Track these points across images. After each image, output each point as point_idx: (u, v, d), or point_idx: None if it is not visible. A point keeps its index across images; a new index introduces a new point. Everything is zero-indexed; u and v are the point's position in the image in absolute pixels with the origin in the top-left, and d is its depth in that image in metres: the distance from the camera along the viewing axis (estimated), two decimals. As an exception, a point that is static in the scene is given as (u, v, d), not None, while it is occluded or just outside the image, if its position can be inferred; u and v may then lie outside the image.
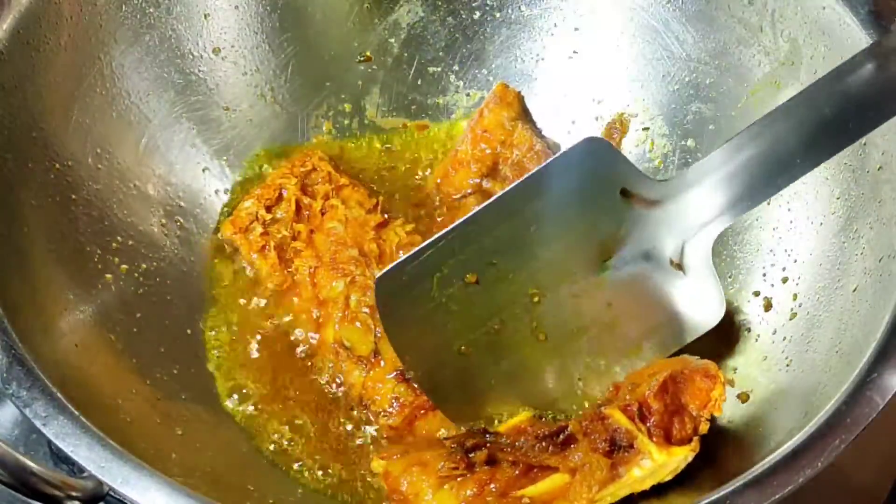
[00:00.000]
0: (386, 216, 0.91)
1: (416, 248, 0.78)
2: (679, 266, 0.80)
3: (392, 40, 1.00)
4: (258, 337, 0.87)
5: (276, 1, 0.95)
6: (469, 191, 0.94)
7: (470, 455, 0.72)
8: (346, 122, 1.00)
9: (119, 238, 0.85)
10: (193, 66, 0.93)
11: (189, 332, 0.86)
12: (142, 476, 0.62)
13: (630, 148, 0.97)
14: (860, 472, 0.85)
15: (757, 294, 0.86)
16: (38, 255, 0.77)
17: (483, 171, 0.94)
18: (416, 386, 0.80)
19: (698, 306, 0.81)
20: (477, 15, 0.99)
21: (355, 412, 0.82)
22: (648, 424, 0.69)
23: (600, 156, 0.78)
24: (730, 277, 0.88)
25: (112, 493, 0.62)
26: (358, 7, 0.98)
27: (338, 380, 0.83)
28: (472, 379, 0.80)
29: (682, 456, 0.68)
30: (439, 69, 1.01)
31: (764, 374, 0.80)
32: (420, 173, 0.98)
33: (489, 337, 0.80)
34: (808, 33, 0.84)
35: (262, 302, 0.88)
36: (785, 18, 0.85)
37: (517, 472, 0.71)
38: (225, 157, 0.95)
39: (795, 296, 0.82)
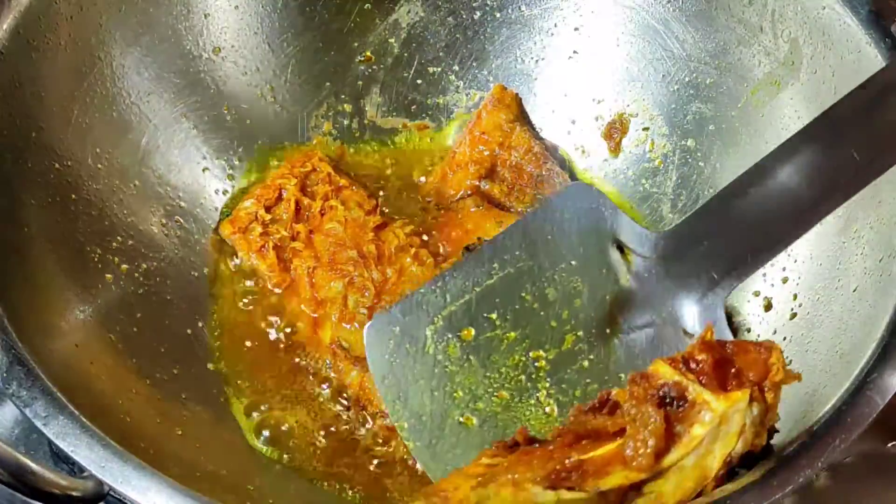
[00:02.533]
0: (384, 218, 0.91)
1: (406, 295, 0.75)
2: (690, 335, 0.73)
3: (392, 40, 1.00)
4: (257, 337, 0.87)
5: (276, 1, 0.95)
6: (468, 192, 0.94)
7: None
8: (346, 122, 1.00)
9: (119, 238, 0.85)
10: (193, 66, 0.93)
11: (189, 332, 0.86)
12: (142, 476, 0.62)
13: (630, 148, 0.97)
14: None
15: (757, 294, 0.86)
16: (38, 255, 0.77)
17: (481, 173, 0.94)
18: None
19: None
20: (477, 15, 1.00)
21: (352, 412, 0.83)
22: (700, 377, 0.60)
23: (584, 202, 0.74)
24: (730, 277, 0.88)
25: (112, 493, 0.62)
26: (358, 7, 0.98)
27: (334, 380, 0.83)
28: (471, 452, 0.71)
29: (743, 401, 0.59)
30: (439, 69, 1.01)
31: (764, 374, 0.80)
32: (421, 174, 0.98)
33: (495, 406, 0.74)
34: (808, 33, 0.84)
35: (261, 301, 0.88)
36: (785, 18, 0.85)
37: (564, 444, 0.60)
38: (225, 157, 0.95)
39: (795, 296, 0.82)
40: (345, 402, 0.83)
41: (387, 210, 0.93)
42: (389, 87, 1.01)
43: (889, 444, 0.79)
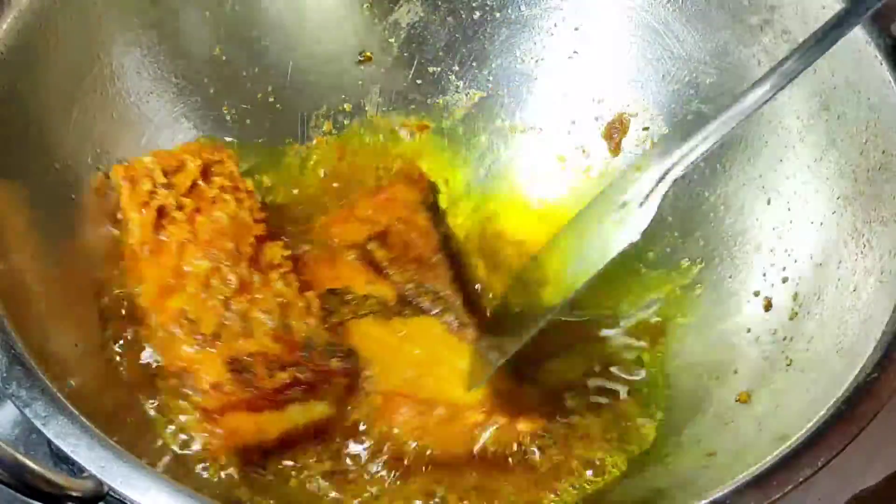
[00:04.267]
0: (269, 232, 0.88)
1: None
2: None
3: (392, 40, 1.00)
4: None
5: (276, 1, 0.95)
6: (353, 244, 0.94)
7: None
8: (346, 122, 1.00)
9: (119, 238, 0.85)
10: (193, 66, 0.93)
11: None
12: (142, 476, 0.62)
13: (630, 148, 0.98)
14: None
15: (757, 294, 0.86)
16: (38, 255, 0.77)
17: (373, 233, 0.94)
18: (243, 380, 0.78)
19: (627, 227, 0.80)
20: (477, 15, 0.99)
21: (169, 382, 0.80)
22: None
23: None
24: (730, 277, 0.88)
25: (112, 493, 0.62)
26: (358, 7, 0.98)
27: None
28: None
29: None
30: (439, 69, 1.01)
31: (764, 374, 0.80)
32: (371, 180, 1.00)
33: None
34: (808, 33, 0.83)
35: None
36: (785, 18, 0.85)
37: None
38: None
39: (795, 296, 0.82)
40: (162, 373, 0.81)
41: (274, 230, 0.90)
42: (389, 86, 1.01)
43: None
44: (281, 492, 0.77)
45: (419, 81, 1.01)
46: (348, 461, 0.80)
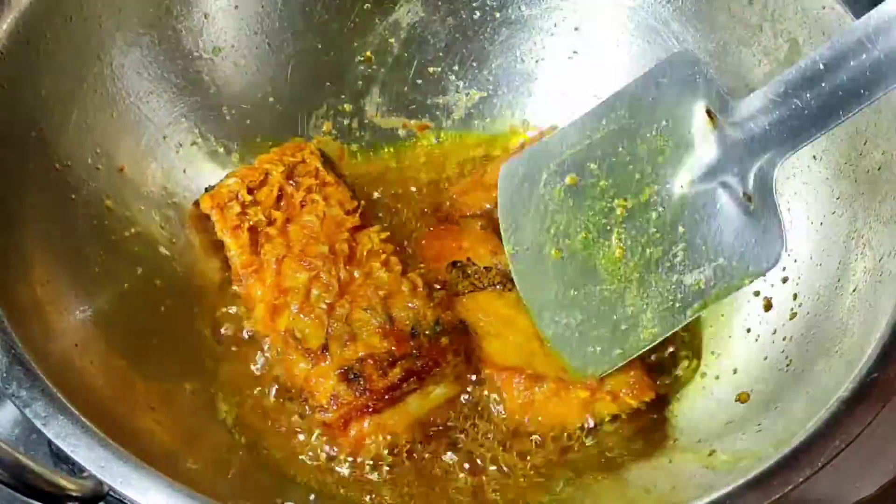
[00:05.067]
0: (363, 221, 0.90)
1: (536, 142, 0.87)
2: (749, 198, 0.77)
3: (392, 40, 1.00)
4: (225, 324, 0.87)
5: (276, 1, 0.95)
6: (479, 212, 0.94)
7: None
8: (346, 122, 1.00)
9: (119, 238, 0.85)
10: (193, 66, 0.93)
11: (186, 330, 0.86)
12: (142, 476, 0.62)
13: (630, 148, 0.98)
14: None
15: (757, 294, 0.86)
16: (37, 255, 0.77)
17: None
18: (357, 387, 0.78)
19: (761, 243, 0.77)
20: (477, 15, 0.99)
21: (294, 403, 0.82)
22: None
23: (685, 69, 0.80)
24: (730, 277, 0.88)
25: (112, 493, 0.62)
26: (358, 7, 0.98)
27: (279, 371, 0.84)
28: (554, 282, 0.84)
29: None
30: (439, 69, 1.01)
31: (764, 374, 0.80)
32: (428, 177, 0.99)
33: (578, 244, 0.83)
34: (808, 33, 0.84)
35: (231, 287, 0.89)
36: (785, 18, 0.85)
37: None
38: (225, 157, 0.95)
39: (795, 296, 0.82)
40: (286, 393, 0.83)
41: (367, 216, 0.92)
42: (389, 87, 1.01)
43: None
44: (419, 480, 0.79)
45: (419, 81, 1.01)
46: (470, 439, 0.81)
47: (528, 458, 0.81)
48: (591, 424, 0.82)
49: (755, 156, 0.75)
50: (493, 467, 0.80)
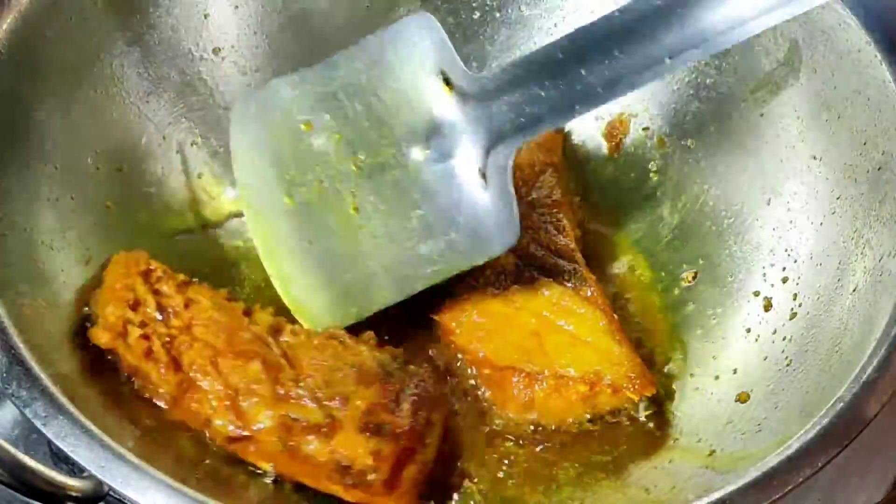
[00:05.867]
0: (245, 303, 0.82)
1: (270, 82, 0.85)
2: (484, 176, 0.78)
3: (392, 40, 1.00)
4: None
5: (276, 1, 0.95)
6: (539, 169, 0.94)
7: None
8: (346, 122, 1.00)
9: (119, 238, 0.85)
10: (193, 66, 0.93)
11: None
12: (142, 476, 0.62)
13: (630, 148, 0.97)
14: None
15: (757, 294, 0.86)
16: (38, 256, 0.77)
17: None
18: (387, 435, 0.74)
19: (494, 227, 0.79)
20: (477, 15, 0.99)
21: (335, 478, 0.74)
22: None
23: (423, 31, 0.79)
24: (730, 277, 0.88)
25: (112, 493, 0.62)
26: (358, 7, 0.98)
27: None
28: (287, 230, 0.84)
29: None
30: (439, 69, 1.01)
31: (764, 374, 0.80)
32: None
33: (312, 194, 0.83)
34: (808, 33, 0.84)
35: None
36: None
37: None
38: (225, 157, 0.95)
39: (795, 296, 0.82)
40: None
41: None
42: (389, 87, 1.01)
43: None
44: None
45: (419, 81, 1.01)
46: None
47: (529, 457, 0.81)
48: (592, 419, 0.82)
49: (492, 134, 0.77)
50: (494, 468, 0.80)
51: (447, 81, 0.79)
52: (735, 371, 0.83)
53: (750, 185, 0.89)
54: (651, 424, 0.82)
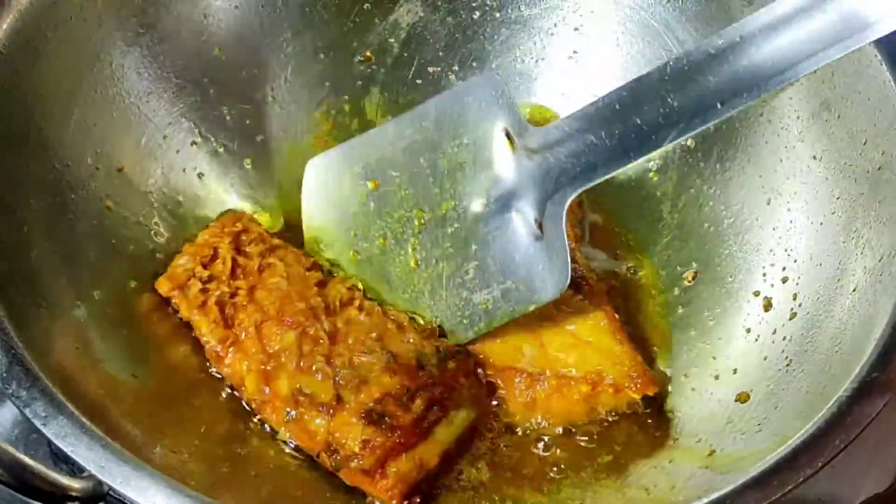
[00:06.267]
0: (323, 275, 0.88)
1: (340, 145, 0.89)
2: (540, 226, 0.81)
3: (392, 40, 1.00)
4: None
5: (276, 1, 0.95)
6: None
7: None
8: (346, 121, 1.00)
9: (119, 238, 0.85)
10: (193, 66, 0.93)
11: (186, 334, 0.86)
12: (142, 476, 0.62)
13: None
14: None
15: (757, 294, 0.86)
16: (37, 255, 0.77)
17: None
18: (384, 426, 0.77)
19: (548, 271, 0.81)
20: (477, 15, 1.00)
21: (325, 456, 0.78)
22: None
23: (492, 91, 0.83)
24: (730, 277, 0.88)
25: (112, 493, 0.62)
26: (358, 7, 0.98)
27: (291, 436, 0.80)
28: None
29: None
30: (439, 69, 1.01)
31: (764, 374, 0.80)
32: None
33: (375, 249, 0.86)
34: (807, 33, 0.84)
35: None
36: (785, 18, 0.85)
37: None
38: (225, 157, 0.95)
39: (795, 296, 0.82)
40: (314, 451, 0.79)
41: (327, 266, 0.90)
42: (389, 86, 1.01)
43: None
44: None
45: (419, 81, 1.01)
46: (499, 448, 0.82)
47: (529, 457, 0.81)
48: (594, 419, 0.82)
49: (549, 185, 0.80)
50: (494, 467, 0.80)
51: (510, 138, 0.82)
52: (735, 371, 0.83)
53: (750, 184, 0.89)
54: (650, 422, 0.82)
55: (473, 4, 0.99)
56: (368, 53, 1.00)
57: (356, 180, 0.87)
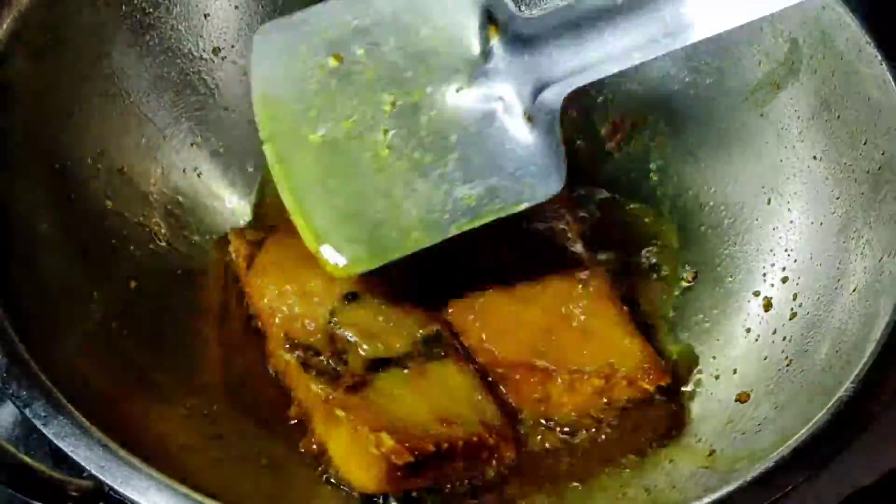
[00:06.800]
0: None
1: (295, 13, 0.79)
2: (530, 119, 0.76)
3: (392, 40, 1.00)
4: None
5: (276, 1, 0.95)
6: None
7: None
8: (346, 122, 1.00)
9: (119, 238, 0.85)
10: (193, 66, 0.93)
11: (186, 334, 0.86)
12: (142, 476, 0.62)
13: (630, 148, 0.97)
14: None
15: (757, 294, 0.86)
16: (37, 255, 0.77)
17: None
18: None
19: (539, 171, 0.77)
20: (477, 15, 0.99)
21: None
22: None
23: None
24: (730, 277, 0.88)
25: (112, 493, 0.62)
26: (358, 6, 0.98)
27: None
28: (314, 168, 0.78)
29: None
30: (439, 69, 1.00)
31: (764, 374, 0.80)
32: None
33: (340, 131, 0.78)
34: (807, 33, 0.84)
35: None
36: (785, 18, 0.85)
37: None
38: (225, 157, 0.95)
39: (795, 296, 0.82)
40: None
41: None
42: (389, 86, 1.01)
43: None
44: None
45: (419, 81, 1.01)
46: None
47: (530, 456, 0.81)
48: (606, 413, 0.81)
49: (539, 76, 0.75)
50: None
51: (492, 20, 0.76)
52: (735, 371, 0.83)
53: (750, 185, 0.89)
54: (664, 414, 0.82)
55: (473, 4, 0.99)
56: (368, 53, 0.99)
57: (314, 53, 0.78)
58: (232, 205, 0.95)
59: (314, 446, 0.78)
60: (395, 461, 0.72)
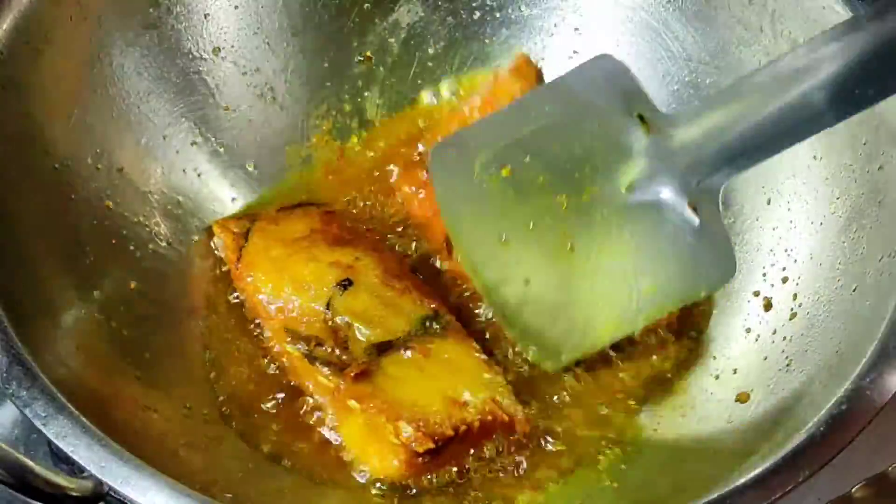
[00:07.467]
0: None
1: (461, 129, 0.86)
2: (695, 209, 0.77)
3: (392, 40, 1.00)
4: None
5: (276, 1, 0.95)
6: None
7: None
8: (346, 121, 1.00)
9: (119, 238, 0.85)
10: (193, 66, 0.93)
11: (187, 334, 0.86)
12: (142, 476, 0.62)
13: (630, 148, 0.98)
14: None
15: (757, 294, 0.86)
16: (37, 255, 0.77)
17: None
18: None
19: (711, 259, 0.79)
20: (477, 15, 0.99)
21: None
22: None
23: (612, 72, 0.80)
24: (730, 277, 0.88)
25: (112, 493, 0.62)
26: (358, 7, 0.98)
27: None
28: (507, 274, 0.82)
29: None
30: (439, 69, 1.01)
31: (764, 374, 0.80)
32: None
33: (525, 234, 0.81)
34: (808, 33, 0.84)
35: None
36: (785, 18, 0.85)
37: None
38: (225, 157, 0.95)
39: (795, 296, 0.82)
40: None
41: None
42: (389, 86, 1.01)
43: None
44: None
45: (419, 81, 1.01)
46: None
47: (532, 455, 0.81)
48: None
49: (694, 170, 0.76)
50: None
51: (644, 121, 0.78)
52: (735, 371, 0.83)
53: (750, 185, 0.89)
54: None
55: (474, 4, 0.99)
56: (368, 53, 1.00)
57: (487, 168, 0.82)
58: (232, 205, 0.95)
59: (325, 438, 0.78)
60: (416, 448, 0.72)
